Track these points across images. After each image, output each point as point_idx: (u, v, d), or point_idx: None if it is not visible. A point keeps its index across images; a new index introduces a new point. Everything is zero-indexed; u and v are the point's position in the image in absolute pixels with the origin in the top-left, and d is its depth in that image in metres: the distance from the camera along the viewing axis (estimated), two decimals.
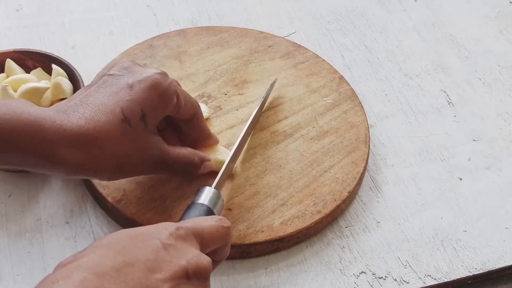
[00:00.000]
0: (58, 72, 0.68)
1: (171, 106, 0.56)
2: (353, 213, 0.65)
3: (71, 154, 0.50)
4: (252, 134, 0.67)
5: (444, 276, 0.60)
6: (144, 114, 0.54)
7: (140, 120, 0.53)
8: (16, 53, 0.70)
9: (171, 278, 0.42)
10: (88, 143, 0.51)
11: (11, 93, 0.65)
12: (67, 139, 0.50)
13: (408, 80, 0.77)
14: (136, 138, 0.53)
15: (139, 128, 0.53)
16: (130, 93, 0.54)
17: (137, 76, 0.55)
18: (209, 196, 0.54)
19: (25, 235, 0.62)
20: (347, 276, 0.60)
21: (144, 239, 0.43)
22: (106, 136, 0.52)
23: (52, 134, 0.50)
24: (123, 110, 0.53)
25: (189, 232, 0.45)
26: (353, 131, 0.68)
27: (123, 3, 0.85)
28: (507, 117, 0.74)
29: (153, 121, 0.55)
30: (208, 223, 0.47)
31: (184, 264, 0.42)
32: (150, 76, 0.55)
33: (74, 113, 0.51)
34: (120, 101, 0.53)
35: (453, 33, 0.83)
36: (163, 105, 0.55)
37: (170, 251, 0.43)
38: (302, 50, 0.77)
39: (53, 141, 0.50)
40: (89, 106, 0.52)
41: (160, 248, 0.42)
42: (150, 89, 0.54)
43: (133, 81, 0.54)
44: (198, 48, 0.76)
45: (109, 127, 0.52)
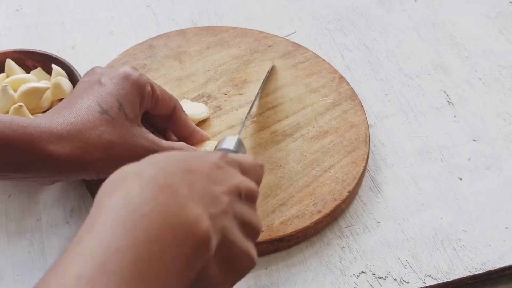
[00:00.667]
0: (58, 72, 0.68)
1: (146, 95, 0.58)
2: (353, 213, 0.65)
3: (56, 148, 0.52)
4: (252, 134, 0.68)
5: (444, 276, 0.60)
6: (121, 104, 0.55)
7: (118, 110, 0.55)
8: (16, 53, 0.70)
9: (229, 192, 0.42)
10: (72, 137, 0.52)
11: (11, 93, 0.65)
12: (49, 135, 0.52)
13: (408, 80, 0.77)
14: (119, 127, 0.55)
15: (119, 118, 0.55)
16: (104, 88, 0.56)
17: (108, 74, 0.57)
18: (234, 143, 0.54)
19: (25, 235, 0.62)
20: (347, 276, 0.60)
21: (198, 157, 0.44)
22: (88, 128, 0.53)
23: (33, 131, 0.51)
24: (100, 103, 0.55)
25: (234, 161, 0.46)
26: (353, 131, 0.68)
27: (123, 3, 0.85)
28: (507, 117, 0.74)
29: (133, 110, 0.56)
30: (246, 157, 0.48)
31: (237, 183, 0.43)
32: (120, 71, 0.58)
33: (54, 115, 0.54)
34: (95, 97, 0.55)
35: (453, 33, 0.83)
36: (138, 94, 0.57)
37: (222, 170, 0.43)
38: (302, 50, 0.77)
39: (35, 138, 0.51)
40: (67, 108, 0.54)
41: (214, 166, 0.43)
42: (122, 80, 0.57)
43: (104, 79, 0.57)
44: (198, 48, 0.76)
45: (90, 120, 0.54)
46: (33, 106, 0.66)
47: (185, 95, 0.71)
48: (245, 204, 0.44)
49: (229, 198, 0.42)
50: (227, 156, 0.46)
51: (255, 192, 0.45)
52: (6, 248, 0.61)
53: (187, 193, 0.39)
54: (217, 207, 0.40)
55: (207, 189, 0.41)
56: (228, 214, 0.42)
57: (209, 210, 0.39)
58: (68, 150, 0.52)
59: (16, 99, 0.65)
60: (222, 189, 0.42)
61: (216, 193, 0.41)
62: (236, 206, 0.43)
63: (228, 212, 0.42)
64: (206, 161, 0.43)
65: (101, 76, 0.57)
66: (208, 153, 0.46)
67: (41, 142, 0.51)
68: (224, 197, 0.41)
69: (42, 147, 0.51)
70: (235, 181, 0.43)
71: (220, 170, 0.43)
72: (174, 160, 0.42)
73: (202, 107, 0.69)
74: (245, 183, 0.44)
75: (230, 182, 0.43)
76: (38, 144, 0.51)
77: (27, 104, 0.65)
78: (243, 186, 0.44)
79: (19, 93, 0.65)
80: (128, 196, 0.37)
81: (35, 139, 0.51)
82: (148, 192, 0.37)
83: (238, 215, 0.43)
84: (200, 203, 0.39)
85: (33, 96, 0.65)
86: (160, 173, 0.39)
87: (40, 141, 0.51)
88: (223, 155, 0.45)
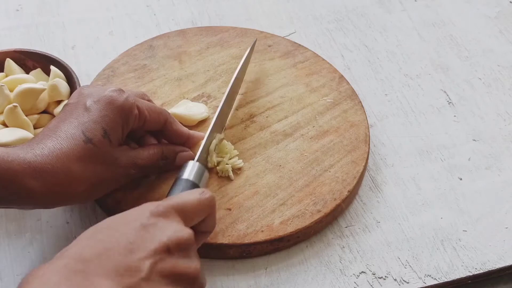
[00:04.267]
0: (56, 74, 0.68)
1: (132, 118, 0.57)
2: (353, 213, 0.64)
3: (39, 184, 0.51)
4: (252, 134, 0.67)
5: (444, 276, 0.60)
6: (105, 131, 0.55)
7: (103, 138, 0.55)
8: (16, 52, 0.70)
9: (152, 255, 0.43)
10: (56, 171, 0.52)
11: (7, 93, 0.65)
12: (31, 170, 0.51)
13: (408, 80, 0.77)
14: (103, 155, 0.55)
15: (103, 145, 0.55)
16: (89, 115, 0.55)
17: (93, 98, 0.57)
18: (194, 171, 0.55)
19: (25, 235, 0.61)
20: (347, 276, 0.60)
21: (124, 223, 0.45)
22: (72, 160, 0.53)
23: (16, 165, 0.51)
24: (84, 131, 0.54)
25: (169, 209, 0.47)
26: (353, 130, 0.68)
27: (123, 3, 0.85)
28: (507, 117, 0.74)
29: (116, 136, 0.56)
30: (190, 196, 0.49)
31: (164, 240, 0.44)
32: (105, 94, 0.57)
33: (38, 145, 0.53)
34: (80, 124, 0.55)
35: (453, 33, 0.83)
36: (123, 119, 0.57)
37: (150, 230, 0.45)
38: (302, 49, 0.77)
39: (17, 172, 0.51)
40: (52, 137, 0.54)
41: (139, 229, 0.44)
42: (106, 106, 0.56)
43: (89, 104, 0.56)
44: (198, 48, 0.76)
45: (74, 151, 0.53)
46: (29, 107, 0.66)
47: (185, 95, 0.71)
48: (178, 255, 0.45)
49: (151, 261, 0.43)
50: (162, 206, 0.46)
51: (186, 241, 0.46)
52: (6, 248, 0.61)
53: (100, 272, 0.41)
54: (134, 277, 0.42)
55: (123, 262, 0.42)
56: (151, 279, 0.43)
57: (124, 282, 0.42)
58: (51, 185, 0.52)
59: (12, 99, 0.65)
60: (143, 255, 0.43)
61: (133, 263, 0.43)
62: (163, 265, 0.44)
63: (151, 277, 0.43)
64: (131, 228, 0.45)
65: (87, 100, 0.57)
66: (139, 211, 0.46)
67: (24, 178, 0.51)
68: (144, 263, 0.43)
69: (26, 183, 0.51)
70: (163, 237, 0.45)
71: (145, 231, 0.44)
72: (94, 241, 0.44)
73: (202, 107, 0.69)
74: (175, 236, 0.45)
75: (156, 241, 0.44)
76: (22, 181, 0.51)
77: (23, 104, 0.65)
78: (172, 240, 0.45)
79: (15, 93, 0.65)
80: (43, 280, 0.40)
81: (19, 175, 0.51)
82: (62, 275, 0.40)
83: (168, 272, 0.44)
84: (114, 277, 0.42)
85: (29, 97, 0.65)
86: (72, 261, 0.42)
87: (24, 177, 0.51)
88: (155, 208, 0.46)
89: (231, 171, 0.63)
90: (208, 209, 0.50)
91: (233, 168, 0.64)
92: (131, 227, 0.45)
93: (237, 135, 0.67)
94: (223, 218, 0.60)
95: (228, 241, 0.59)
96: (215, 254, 0.60)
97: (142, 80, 0.72)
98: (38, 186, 0.51)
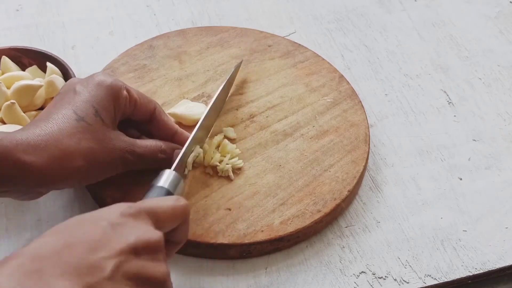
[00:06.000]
0: (52, 70, 0.68)
1: (123, 99, 0.58)
2: (353, 213, 0.64)
3: (33, 159, 0.51)
4: (252, 134, 0.67)
5: (444, 276, 0.60)
6: (97, 110, 0.56)
7: (95, 117, 0.55)
8: (12, 50, 0.70)
9: (116, 255, 0.42)
10: (49, 146, 0.52)
11: (4, 90, 0.65)
12: (25, 146, 0.51)
13: (408, 80, 0.77)
14: (96, 132, 0.55)
15: (96, 123, 0.55)
16: (79, 96, 0.56)
17: (81, 83, 0.57)
18: (170, 179, 0.54)
19: (25, 235, 0.61)
20: (347, 276, 0.60)
21: (92, 221, 0.44)
22: (66, 136, 0.53)
23: (8, 142, 0.51)
24: (75, 111, 0.55)
25: (140, 211, 0.45)
26: (353, 130, 0.68)
27: (123, 3, 0.85)
28: (507, 117, 0.74)
29: (108, 115, 0.56)
30: (164, 202, 0.48)
31: (131, 241, 0.43)
32: (94, 78, 0.58)
33: (30, 127, 0.53)
34: (71, 105, 0.55)
35: (453, 33, 0.83)
36: (113, 98, 0.57)
37: (117, 229, 0.43)
38: (302, 49, 0.77)
39: (9, 148, 0.50)
40: (43, 119, 0.54)
41: (107, 228, 0.43)
42: (96, 87, 0.57)
43: (79, 88, 0.57)
44: (198, 48, 0.76)
45: (67, 128, 0.54)
46: (26, 104, 0.66)
47: (185, 95, 0.71)
48: (145, 258, 0.43)
49: (115, 261, 0.41)
50: (134, 208, 0.45)
51: (155, 243, 0.44)
52: (6, 248, 0.61)
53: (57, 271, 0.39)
54: (96, 276, 0.40)
55: (84, 260, 0.40)
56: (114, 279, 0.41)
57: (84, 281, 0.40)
58: (46, 159, 0.52)
59: (9, 96, 0.65)
60: (107, 254, 0.41)
61: (96, 261, 0.41)
62: (129, 266, 0.42)
63: (115, 277, 0.41)
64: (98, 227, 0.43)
65: (76, 85, 0.57)
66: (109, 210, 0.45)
67: (17, 153, 0.50)
68: (108, 262, 0.41)
69: (19, 158, 0.50)
70: (131, 238, 0.43)
71: (113, 231, 0.43)
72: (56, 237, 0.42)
73: (202, 107, 0.69)
74: (143, 237, 0.44)
75: (123, 241, 0.42)
76: (14, 156, 0.50)
77: (20, 101, 0.65)
78: (140, 241, 0.43)
79: (12, 90, 0.65)
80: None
81: (11, 151, 0.50)
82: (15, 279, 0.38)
83: (133, 274, 0.42)
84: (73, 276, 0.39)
85: (26, 93, 0.65)
86: (27, 260, 0.40)
87: (16, 152, 0.50)
88: (128, 208, 0.45)
89: (231, 171, 0.63)
90: (182, 217, 0.49)
91: (233, 168, 0.64)
92: (98, 225, 0.43)
93: (237, 135, 0.67)
94: (223, 218, 0.60)
95: (228, 241, 0.59)
96: (215, 254, 0.60)
97: (142, 80, 0.72)
98: (32, 160, 0.51)
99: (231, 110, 0.70)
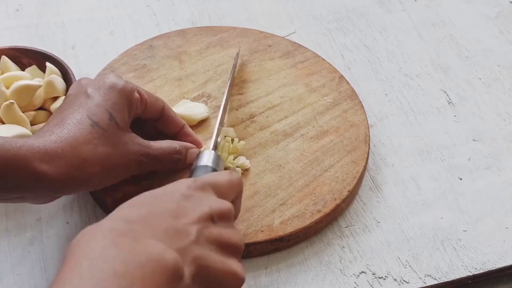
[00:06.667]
0: (51, 70, 0.68)
1: (135, 101, 0.58)
2: (353, 213, 0.64)
3: (51, 167, 0.51)
4: (252, 134, 0.68)
5: (444, 276, 0.60)
6: (111, 115, 0.55)
7: (109, 121, 0.55)
8: (11, 50, 0.70)
9: (198, 221, 0.44)
10: (66, 154, 0.52)
11: (3, 90, 0.65)
12: (43, 155, 0.51)
13: (408, 80, 0.77)
14: (111, 138, 0.55)
15: (110, 128, 0.55)
16: (92, 100, 0.56)
17: (93, 86, 0.57)
18: (212, 158, 0.55)
19: (25, 235, 0.61)
20: (347, 276, 0.60)
21: (166, 195, 0.46)
22: (81, 143, 0.53)
23: (25, 151, 0.51)
24: (89, 116, 0.54)
25: (205, 184, 0.47)
26: (353, 130, 0.68)
27: (123, 3, 0.85)
28: (507, 117, 0.74)
29: (122, 119, 0.56)
30: (221, 176, 0.50)
31: (207, 210, 0.45)
32: (105, 81, 0.57)
33: (45, 133, 0.53)
34: (84, 110, 0.55)
35: (453, 33, 0.83)
36: (127, 102, 0.57)
37: (191, 200, 0.45)
38: (302, 49, 0.77)
39: (27, 157, 0.50)
40: (58, 124, 0.54)
41: (181, 199, 0.45)
42: (108, 90, 0.56)
43: (91, 91, 0.56)
44: (198, 48, 0.76)
45: (82, 135, 0.53)
46: (25, 104, 0.66)
47: (185, 95, 0.71)
48: (221, 225, 0.46)
49: (198, 227, 0.44)
50: (198, 182, 0.47)
51: (227, 212, 0.47)
52: (6, 248, 0.61)
53: (148, 234, 0.41)
54: (184, 240, 0.42)
55: (171, 226, 0.43)
56: (200, 243, 0.43)
57: (175, 244, 0.42)
58: (63, 168, 0.52)
59: (8, 96, 0.65)
60: (189, 221, 0.44)
61: (181, 226, 0.43)
62: (209, 231, 0.45)
63: (199, 241, 0.43)
64: (172, 198, 0.45)
65: (87, 88, 0.57)
66: (176, 185, 0.47)
67: (34, 162, 0.51)
68: (191, 228, 0.43)
69: (36, 167, 0.51)
70: (205, 207, 0.45)
71: (187, 201, 0.45)
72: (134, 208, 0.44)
73: (202, 107, 0.69)
74: (216, 205, 0.46)
75: (199, 210, 0.45)
76: (32, 164, 0.50)
77: (19, 101, 0.65)
78: (214, 210, 0.45)
79: (11, 90, 0.65)
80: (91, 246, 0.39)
81: (28, 159, 0.50)
82: (109, 239, 0.40)
83: (214, 239, 0.45)
84: (164, 240, 0.41)
85: (25, 93, 0.65)
86: (119, 222, 0.41)
87: (34, 161, 0.50)
88: (192, 183, 0.47)
89: (240, 174, 0.63)
90: (238, 189, 0.51)
91: (242, 169, 0.64)
92: (173, 198, 0.45)
93: (237, 135, 0.67)
94: None
95: None
96: None
97: (142, 80, 0.72)
98: (49, 169, 0.51)
99: (231, 110, 0.70)
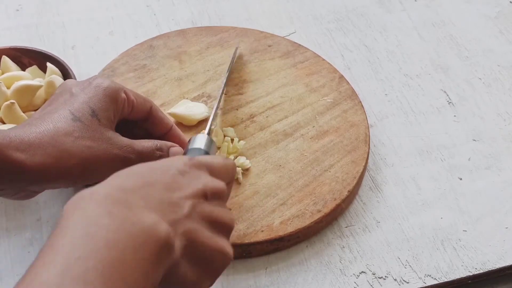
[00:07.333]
0: (52, 71, 0.68)
1: (121, 101, 0.57)
2: (353, 213, 0.64)
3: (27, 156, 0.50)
4: (252, 134, 0.68)
5: (444, 276, 0.60)
6: (93, 111, 0.55)
7: (91, 117, 0.55)
8: (12, 50, 0.70)
9: (192, 196, 0.44)
10: (44, 144, 0.51)
11: (4, 90, 0.65)
12: (19, 143, 0.50)
13: (408, 80, 0.77)
14: (93, 132, 0.54)
15: (92, 124, 0.55)
16: (76, 97, 0.55)
17: (78, 86, 0.57)
18: (204, 141, 0.55)
19: (25, 235, 0.62)
20: (347, 276, 0.60)
21: (161, 167, 0.46)
22: (61, 134, 0.52)
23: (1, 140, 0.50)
24: (72, 111, 0.54)
25: (201, 163, 0.48)
26: (353, 130, 0.68)
27: (123, 3, 0.85)
28: (507, 117, 0.74)
29: (106, 117, 0.56)
30: (216, 158, 0.50)
31: (201, 187, 0.45)
32: (91, 80, 0.57)
33: (24, 125, 0.53)
34: (68, 106, 0.55)
35: (453, 33, 0.83)
36: (112, 101, 0.56)
37: (186, 176, 0.45)
38: (302, 49, 0.77)
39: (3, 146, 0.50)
40: (38, 119, 0.53)
41: (177, 173, 0.45)
42: (94, 89, 0.56)
43: (75, 90, 0.56)
44: (198, 48, 0.76)
45: (62, 127, 0.53)
46: (26, 104, 0.66)
47: (185, 95, 0.71)
48: (213, 203, 0.46)
49: (191, 202, 0.44)
50: (194, 160, 0.47)
51: (221, 191, 0.47)
52: (6, 248, 0.61)
53: (142, 204, 0.41)
54: (177, 213, 0.43)
55: (165, 198, 0.43)
56: (192, 218, 0.43)
57: (167, 216, 0.42)
58: (40, 157, 0.51)
59: (9, 96, 0.65)
60: (183, 195, 0.44)
61: (175, 200, 0.43)
62: (202, 207, 0.45)
63: (192, 215, 0.44)
64: (167, 170, 0.45)
65: (72, 87, 0.56)
66: (173, 160, 0.47)
67: (10, 150, 0.50)
68: (185, 202, 0.43)
69: (11, 155, 0.50)
70: (200, 184, 0.45)
71: (183, 176, 0.45)
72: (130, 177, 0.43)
73: (202, 107, 0.69)
74: (210, 184, 0.46)
75: (194, 186, 0.45)
76: (7, 153, 0.50)
77: (20, 101, 0.65)
78: (209, 187, 0.46)
79: (12, 90, 0.65)
80: (85, 213, 0.39)
81: (3, 148, 0.50)
82: (103, 207, 0.39)
83: (206, 215, 0.45)
84: (157, 211, 0.41)
85: (26, 93, 0.65)
86: (114, 190, 0.41)
87: (9, 149, 0.50)
88: (188, 160, 0.47)
89: (240, 174, 0.63)
90: (231, 175, 0.51)
91: (242, 169, 0.64)
92: (169, 172, 0.45)
93: (237, 135, 0.67)
94: None
95: None
96: None
97: (142, 80, 0.72)
98: (26, 158, 0.50)
99: (231, 110, 0.70)
